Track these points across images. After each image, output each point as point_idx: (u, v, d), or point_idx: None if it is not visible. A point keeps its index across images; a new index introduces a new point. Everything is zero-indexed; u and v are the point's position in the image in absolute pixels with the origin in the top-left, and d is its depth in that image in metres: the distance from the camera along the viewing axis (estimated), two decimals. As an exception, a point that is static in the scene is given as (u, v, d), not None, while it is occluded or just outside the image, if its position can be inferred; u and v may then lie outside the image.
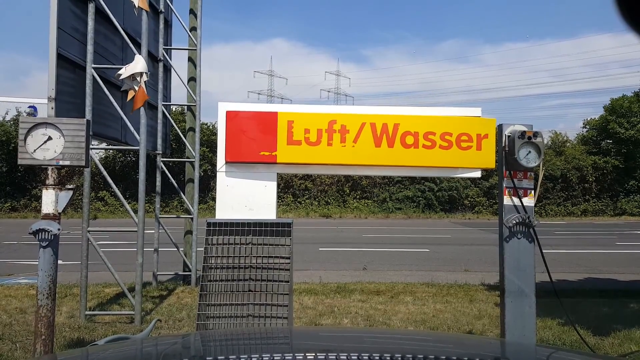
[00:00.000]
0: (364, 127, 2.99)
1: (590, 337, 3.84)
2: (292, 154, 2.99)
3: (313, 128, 2.98)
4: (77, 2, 4.32)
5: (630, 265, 9.06)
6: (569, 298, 5.48)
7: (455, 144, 2.99)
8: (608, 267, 8.68)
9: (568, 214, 25.64)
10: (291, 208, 25.81)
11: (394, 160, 3.01)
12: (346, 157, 3.01)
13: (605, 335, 3.90)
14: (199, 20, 6.80)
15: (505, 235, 2.99)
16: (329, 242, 13.17)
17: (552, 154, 27.34)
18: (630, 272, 8.08)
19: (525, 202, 2.99)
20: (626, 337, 3.84)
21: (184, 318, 4.56)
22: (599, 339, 3.83)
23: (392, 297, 5.61)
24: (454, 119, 3.01)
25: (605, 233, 16.78)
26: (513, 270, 2.98)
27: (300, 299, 5.42)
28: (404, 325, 4.34)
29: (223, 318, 2.74)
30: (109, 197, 22.79)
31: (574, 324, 3.16)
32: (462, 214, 25.80)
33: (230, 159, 3.00)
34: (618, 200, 26.44)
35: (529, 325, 2.97)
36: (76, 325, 4.23)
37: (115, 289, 5.89)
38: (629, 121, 26.68)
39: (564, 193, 26.12)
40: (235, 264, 2.82)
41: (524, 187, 3.00)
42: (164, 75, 6.53)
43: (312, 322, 4.43)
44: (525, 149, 2.95)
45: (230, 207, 2.98)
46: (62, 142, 2.81)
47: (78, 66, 4.36)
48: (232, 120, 2.97)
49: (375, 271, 8.11)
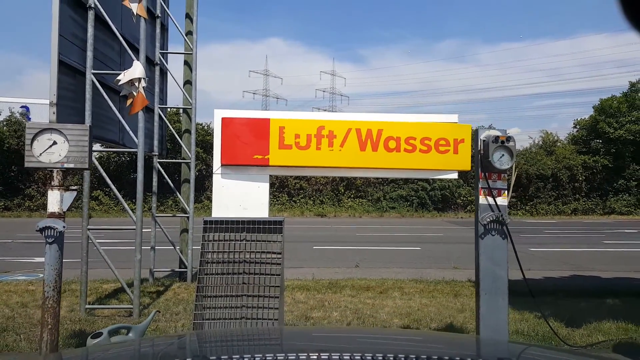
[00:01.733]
0: (350, 133, 3.22)
1: (563, 329, 4.10)
2: (284, 157, 3.21)
3: (303, 133, 3.20)
4: (77, 10, 4.50)
5: (615, 262, 9.36)
6: (551, 295, 5.75)
7: (434, 148, 3.22)
8: (593, 265, 8.97)
9: (558, 213, 26.06)
10: (286, 207, 26.03)
11: (378, 163, 3.23)
12: (333, 160, 3.23)
13: (577, 328, 4.16)
14: (195, 25, 6.99)
15: (481, 232, 3.23)
16: (323, 240, 13.40)
17: (543, 154, 27.76)
18: (614, 270, 8.37)
19: (499, 202, 3.22)
20: (596, 329, 4.10)
21: (181, 312, 4.76)
22: (571, 331, 4.08)
23: (381, 293, 5.85)
24: (433, 125, 3.24)
25: (593, 232, 17.14)
26: (487, 265, 3.22)
27: (292, 294, 5.64)
28: (390, 318, 4.58)
29: (218, 309, 2.95)
30: (103, 196, 22.90)
31: (545, 317, 3.40)
32: (455, 212, 26.15)
33: (226, 161, 3.21)
34: (607, 199, 26.90)
35: (502, 317, 3.20)
36: (77, 318, 4.43)
37: (113, 285, 6.08)
38: (618, 121, 27.15)
39: (555, 192, 26.53)
40: (230, 258, 3.04)
41: (498, 188, 3.24)
42: (160, 78, 6.71)
43: (303, 315, 4.65)
44: (499, 152, 3.18)
45: (226, 206, 3.20)
46: (66, 147, 3.00)
47: (78, 72, 4.54)
48: (228, 126, 3.18)
49: (367, 269, 8.34)
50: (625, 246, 12.52)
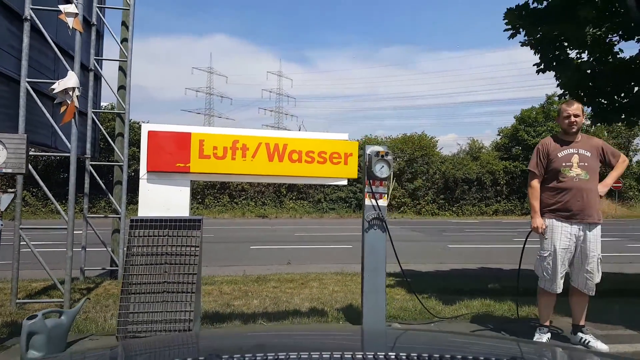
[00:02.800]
0: (260, 146, 3.87)
1: (439, 306, 5.02)
2: (203, 166, 3.79)
3: (220, 146, 3.81)
4: (13, 22, 4.77)
5: (516, 257, 10.64)
6: (445, 280, 6.76)
7: (329, 160, 3.96)
8: (500, 259, 10.19)
9: (481, 214, 28.40)
10: (227, 208, 26.16)
11: (283, 172, 3.91)
12: (246, 168, 3.86)
13: (451, 305, 5.10)
14: (131, 32, 7.30)
15: (366, 227, 4.01)
16: (261, 240, 13.90)
17: (469, 159, 30.13)
18: (509, 262, 9.63)
19: (380, 203, 4.02)
20: (464, 305, 5.06)
21: (111, 304, 5.14)
22: (443, 307, 5.01)
23: (302, 284, 6.54)
24: (329, 141, 3.98)
25: (508, 230, 19.03)
26: (370, 253, 4.00)
27: (220, 287, 6.18)
28: (301, 302, 5.28)
29: (143, 294, 3.48)
30: (30, 197, 21.84)
31: (416, 294, 4.25)
32: (389, 213, 27.65)
33: (151, 169, 3.74)
34: (525, 201, 29.73)
35: (381, 294, 4.00)
36: (8, 312, 4.69)
37: (42, 283, 6.27)
38: (535, 130, 30.14)
39: (479, 194, 28.89)
40: (154, 252, 3.57)
41: (380, 192, 4.03)
42: (94, 83, 6.97)
43: (226, 304, 5.22)
44: (380, 164, 3.98)
45: (151, 207, 3.72)
46: (5, 154, 3.38)
47: (12, 80, 4.81)
48: (153, 138, 3.71)
49: (298, 265, 8.97)
50: (530, 242, 14.15)
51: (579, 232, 3.84)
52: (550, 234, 3.93)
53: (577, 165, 3.84)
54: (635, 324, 4.35)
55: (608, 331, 4.21)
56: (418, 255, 10.46)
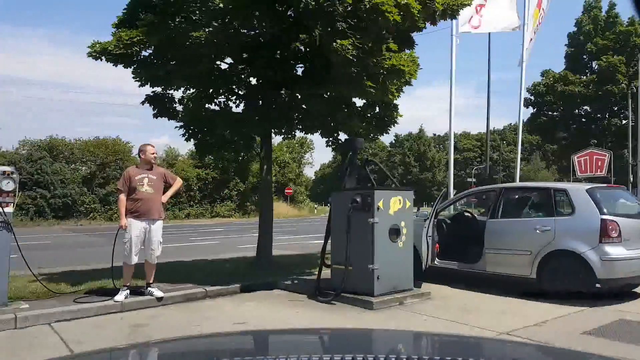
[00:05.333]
0: None
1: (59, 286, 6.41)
2: None
3: None
4: None
5: (190, 253, 11.95)
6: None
7: None
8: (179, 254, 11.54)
9: (175, 218, 30.56)
10: None
11: None
12: None
13: (74, 286, 6.60)
14: None
15: None
16: None
17: (166, 166, 32.01)
18: (185, 257, 11.01)
19: (7, 210, 5.14)
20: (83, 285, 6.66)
21: None
22: (66, 286, 6.46)
23: None
24: None
25: (191, 232, 21.41)
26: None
27: None
28: None
29: None
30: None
31: (35, 276, 5.57)
32: (77, 220, 26.23)
33: None
34: (215, 205, 33.83)
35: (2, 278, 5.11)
36: None
37: None
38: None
39: (173, 200, 31.10)
40: None
41: (7, 202, 5.15)
42: None
43: None
44: (7, 180, 5.11)
45: None
46: None
47: None
48: None
49: None
50: (204, 241, 16.66)
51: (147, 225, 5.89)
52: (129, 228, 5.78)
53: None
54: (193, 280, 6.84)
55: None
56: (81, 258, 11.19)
